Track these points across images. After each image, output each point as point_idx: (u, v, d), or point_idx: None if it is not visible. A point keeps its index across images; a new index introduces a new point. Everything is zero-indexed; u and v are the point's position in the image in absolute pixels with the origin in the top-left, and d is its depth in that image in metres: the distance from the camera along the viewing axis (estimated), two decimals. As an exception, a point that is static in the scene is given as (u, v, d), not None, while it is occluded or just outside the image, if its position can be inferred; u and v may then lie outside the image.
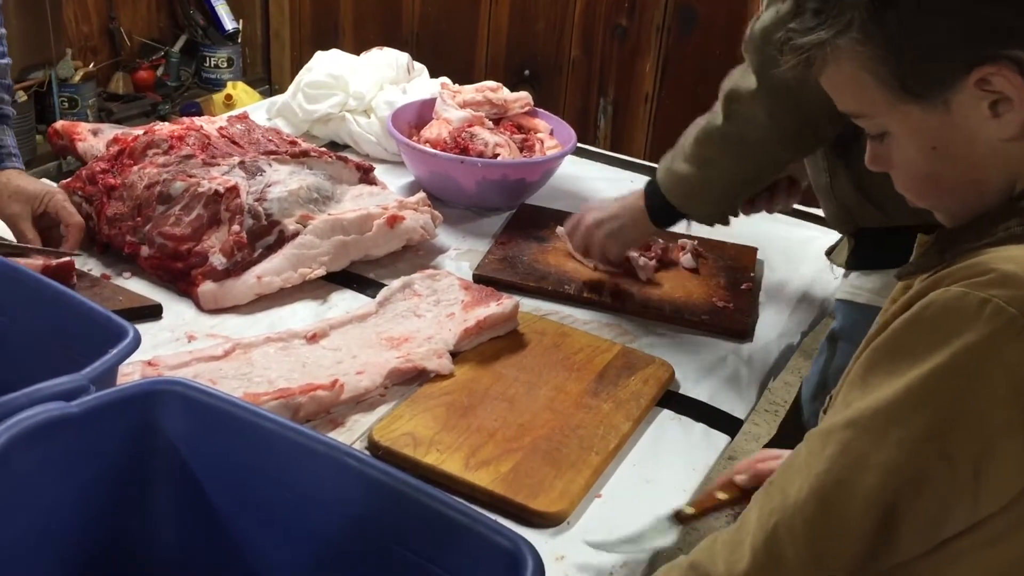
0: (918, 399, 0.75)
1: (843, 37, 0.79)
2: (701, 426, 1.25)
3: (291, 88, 1.99)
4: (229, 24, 3.62)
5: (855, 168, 1.29)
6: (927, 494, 0.76)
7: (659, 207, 1.41)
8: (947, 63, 0.77)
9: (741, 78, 1.30)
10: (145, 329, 1.06)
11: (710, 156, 1.35)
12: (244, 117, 1.71)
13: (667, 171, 1.39)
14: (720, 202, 1.38)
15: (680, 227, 1.48)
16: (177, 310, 1.38)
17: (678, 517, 1.01)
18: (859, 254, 1.38)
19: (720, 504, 1.04)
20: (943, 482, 0.75)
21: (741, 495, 1.04)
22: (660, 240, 1.58)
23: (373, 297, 1.41)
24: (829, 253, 1.48)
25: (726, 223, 1.42)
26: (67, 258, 1.36)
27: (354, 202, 1.55)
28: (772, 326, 1.48)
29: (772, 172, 1.38)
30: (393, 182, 1.76)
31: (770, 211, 1.49)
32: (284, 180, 1.49)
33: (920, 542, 0.78)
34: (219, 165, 1.49)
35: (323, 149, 1.64)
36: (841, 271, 1.47)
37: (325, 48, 2.08)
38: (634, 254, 1.53)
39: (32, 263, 1.32)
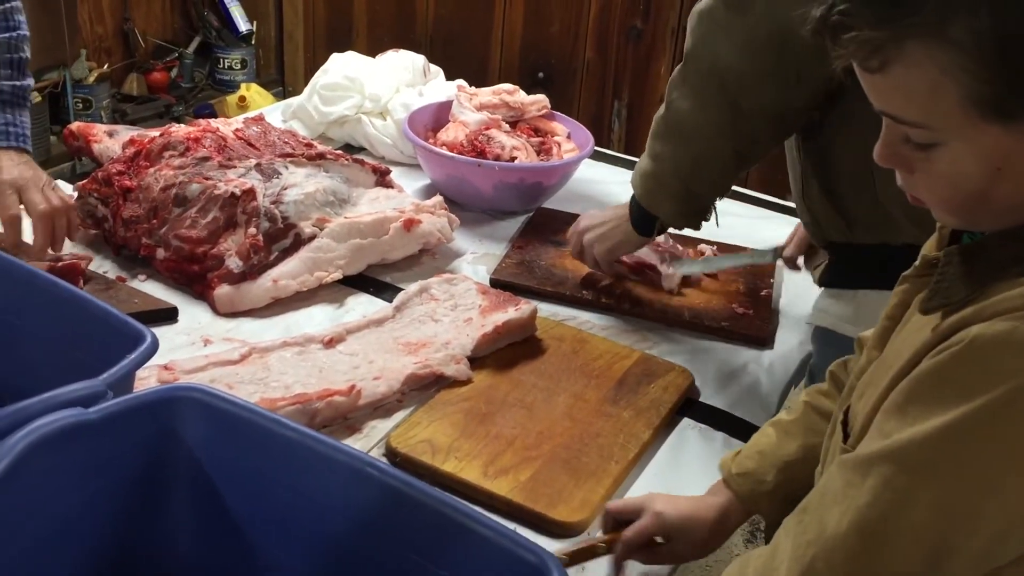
0: (970, 435, 0.72)
1: (936, 39, 0.69)
2: (722, 435, 1.24)
3: (307, 90, 1.98)
4: (243, 26, 3.62)
5: (825, 174, 1.25)
6: (981, 533, 0.73)
7: (637, 213, 1.40)
8: None
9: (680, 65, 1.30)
10: (161, 332, 1.04)
11: (657, 149, 1.33)
12: (260, 119, 1.71)
13: (635, 171, 1.39)
14: (681, 199, 1.34)
15: (704, 231, 1.44)
16: (193, 313, 1.37)
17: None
18: (830, 270, 1.32)
19: (594, 550, 1.01)
20: (998, 520, 0.73)
21: (612, 538, 1.02)
22: (679, 246, 1.56)
23: (390, 301, 1.40)
24: (814, 269, 1.42)
25: (697, 226, 1.39)
26: (73, 260, 1.34)
27: (370, 205, 1.54)
28: (793, 333, 1.47)
29: (722, 165, 1.31)
30: (409, 185, 1.75)
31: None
32: (300, 183, 1.48)
33: (970, 575, 0.76)
34: (235, 167, 1.48)
35: (339, 152, 1.63)
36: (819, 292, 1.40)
37: (339, 50, 2.07)
38: (661, 265, 1.50)
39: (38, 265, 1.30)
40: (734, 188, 1.47)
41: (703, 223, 1.39)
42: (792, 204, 1.48)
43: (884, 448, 0.76)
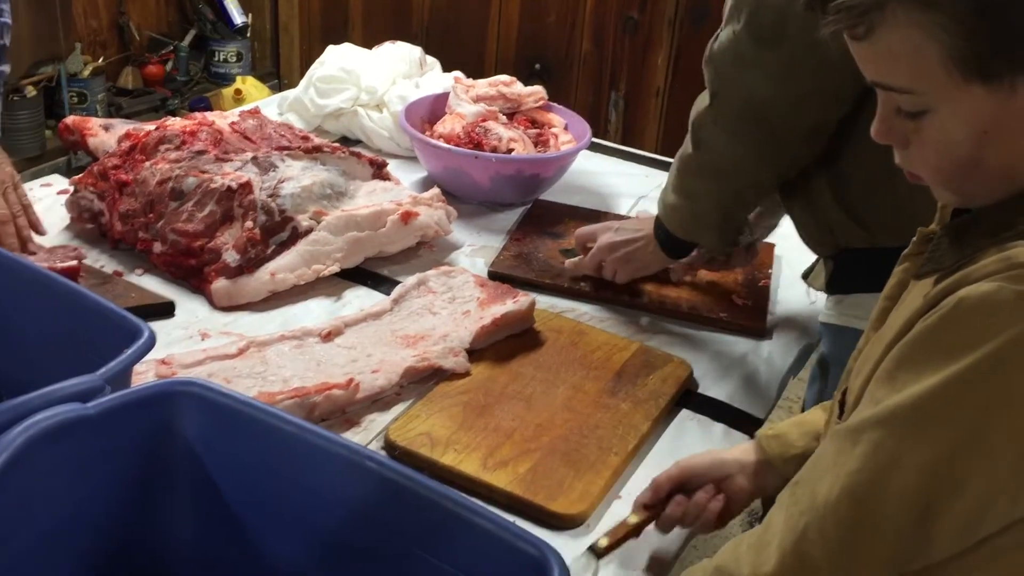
0: (957, 395, 0.73)
1: (916, 1, 0.72)
2: (721, 426, 1.24)
3: (303, 83, 1.97)
4: (238, 18, 3.60)
5: (839, 186, 1.25)
6: (966, 493, 0.74)
7: (666, 238, 1.40)
8: None
9: (701, 102, 1.29)
10: (158, 327, 1.04)
11: (692, 187, 1.33)
12: (256, 112, 1.70)
13: (662, 203, 1.38)
14: (719, 227, 1.35)
15: None
16: (190, 307, 1.37)
17: (594, 551, 0.99)
18: (839, 277, 1.31)
19: (632, 529, 1.02)
20: (982, 480, 0.73)
21: (650, 515, 1.03)
22: None
23: (387, 294, 1.40)
24: (806, 276, 1.42)
25: (736, 245, 1.41)
26: (73, 262, 1.34)
27: (368, 198, 1.53)
28: (791, 324, 1.46)
29: (759, 191, 1.33)
30: (406, 177, 1.75)
31: (729, 269, 1.50)
32: (297, 176, 1.47)
33: (956, 542, 0.76)
34: (232, 161, 1.47)
35: (336, 144, 1.63)
36: (817, 295, 1.40)
37: (334, 42, 2.06)
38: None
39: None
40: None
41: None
42: None
43: (874, 414, 0.77)
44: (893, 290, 0.91)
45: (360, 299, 1.42)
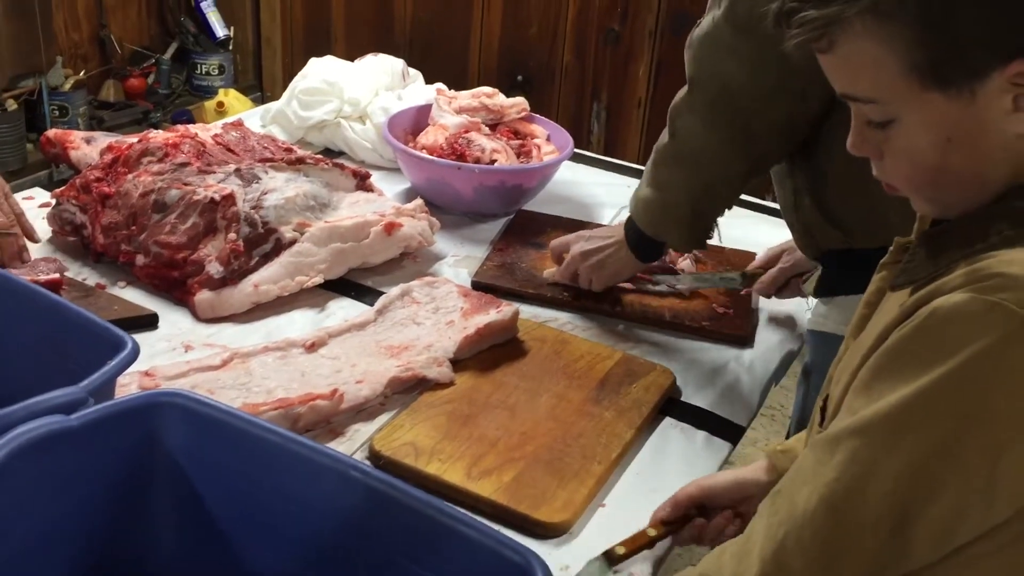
0: (930, 405, 0.74)
1: (871, 13, 0.74)
2: (703, 434, 1.24)
3: (285, 95, 1.97)
4: (220, 31, 3.60)
5: (816, 188, 1.26)
6: (941, 501, 0.75)
7: (636, 239, 1.41)
8: (988, 52, 0.74)
9: (681, 91, 1.30)
10: (141, 339, 1.04)
11: (665, 177, 1.34)
12: (239, 124, 1.70)
13: (634, 199, 1.39)
14: (687, 223, 1.36)
15: None
16: (173, 319, 1.36)
17: (608, 557, 1.00)
18: (824, 279, 1.33)
19: (648, 541, 1.03)
20: (956, 488, 0.74)
21: (668, 530, 1.04)
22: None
23: (371, 305, 1.40)
24: (804, 282, 1.44)
25: (703, 247, 1.41)
26: (55, 275, 1.34)
27: (351, 209, 1.54)
28: (773, 332, 1.48)
29: (731, 185, 1.33)
30: (390, 189, 1.75)
31: (782, 298, 1.50)
32: (280, 187, 1.48)
33: (933, 550, 0.77)
34: (214, 173, 1.47)
35: (319, 156, 1.63)
36: (814, 302, 1.41)
37: (317, 55, 2.06)
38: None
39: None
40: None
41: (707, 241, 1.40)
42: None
43: (851, 424, 0.78)
44: (872, 297, 0.92)
45: (344, 310, 1.43)
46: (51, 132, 1.72)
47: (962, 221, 0.81)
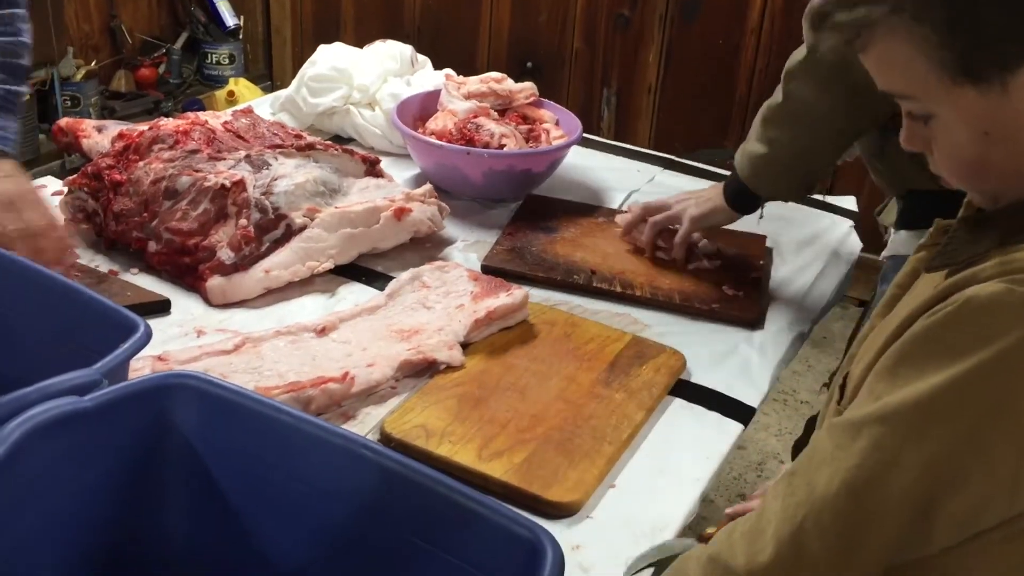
0: (961, 396, 0.73)
1: (898, 15, 0.76)
2: (714, 415, 1.25)
3: (295, 82, 1.98)
4: (230, 20, 3.61)
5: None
6: (965, 491, 0.74)
7: (736, 193, 1.49)
8: (1016, 44, 0.74)
9: (798, 54, 1.37)
10: (154, 324, 1.04)
11: (774, 135, 1.42)
12: (249, 111, 1.71)
13: (741, 152, 1.47)
14: (796, 176, 1.45)
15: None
16: (185, 305, 1.37)
17: (703, 540, 0.99)
18: (909, 214, 1.41)
19: None
20: (981, 479, 0.74)
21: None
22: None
23: (381, 290, 1.41)
24: (879, 214, 1.52)
25: (801, 199, 1.55)
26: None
27: (361, 195, 1.54)
28: (783, 315, 1.47)
29: (837, 144, 1.41)
30: (399, 174, 1.75)
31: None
32: (290, 173, 1.48)
33: (953, 537, 0.77)
34: (225, 159, 1.48)
35: (329, 142, 1.64)
36: (892, 231, 1.49)
37: (326, 43, 2.07)
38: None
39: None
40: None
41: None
42: None
43: (874, 411, 0.77)
44: (905, 278, 0.92)
45: (354, 295, 1.43)
46: (63, 121, 1.73)
47: (1007, 209, 0.81)
